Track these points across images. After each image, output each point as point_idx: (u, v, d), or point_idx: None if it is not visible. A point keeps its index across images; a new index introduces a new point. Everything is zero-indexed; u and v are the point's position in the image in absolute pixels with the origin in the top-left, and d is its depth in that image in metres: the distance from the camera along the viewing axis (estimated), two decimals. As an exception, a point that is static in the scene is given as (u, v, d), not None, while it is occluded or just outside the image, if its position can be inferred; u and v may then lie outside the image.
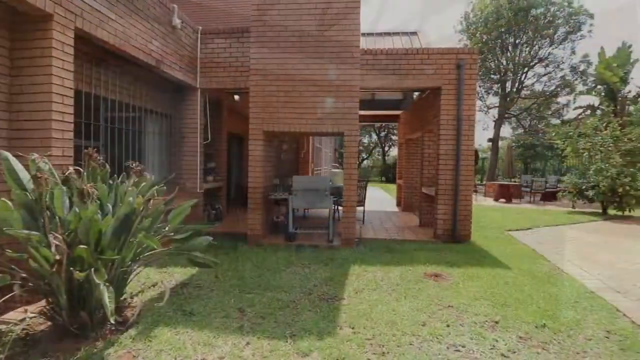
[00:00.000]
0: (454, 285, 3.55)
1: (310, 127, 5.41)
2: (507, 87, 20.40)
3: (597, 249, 5.36)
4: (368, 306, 3.06)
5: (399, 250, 5.07)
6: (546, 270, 4.19)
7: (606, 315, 2.92)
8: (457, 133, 5.80)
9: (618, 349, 2.39)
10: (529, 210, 9.83)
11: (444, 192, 5.85)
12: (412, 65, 5.91)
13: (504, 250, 5.14)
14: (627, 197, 8.22)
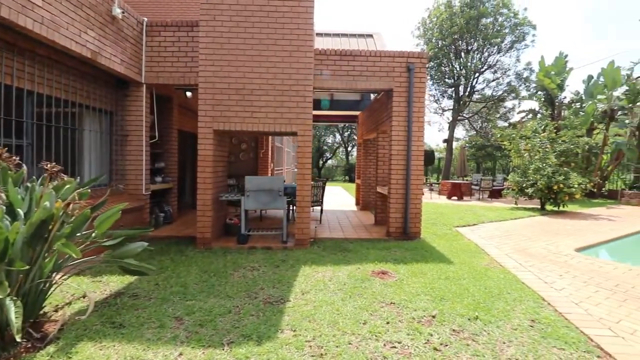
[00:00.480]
0: (398, 282, 3.64)
1: (262, 126, 5.30)
2: (460, 91, 21.54)
3: (532, 242, 5.79)
4: (313, 307, 3.04)
5: (352, 249, 5.12)
6: (485, 263, 4.44)
7: (532, 304, 3.14)
8: (407, 134, 5.99)
9: (540, 336, 2.57)
10: (477, 207, 10.44)
11: (396, 191, 6.02)
12: (365, 67, 6.01)
13: (450, 246, 5.38)
14: (561, 194, 9.00)
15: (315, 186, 7.17)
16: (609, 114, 13.30)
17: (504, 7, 20.08)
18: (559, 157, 10.03)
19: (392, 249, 5.13)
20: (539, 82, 15.51)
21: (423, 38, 22.45)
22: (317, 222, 7.36)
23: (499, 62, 21.43)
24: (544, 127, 10.49)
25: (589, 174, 13.22)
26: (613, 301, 3.27)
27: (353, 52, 6.01)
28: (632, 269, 4.30)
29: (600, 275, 4.01)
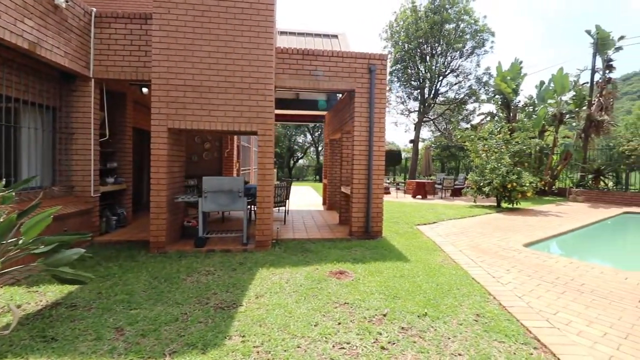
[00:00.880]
0: (354, 282, 3.66)
1: (221, 125, 5.14)
2: (425, 93, 22.27)
3: (485, 238, 6.06)
4: (265, 311, 2.97)
5: (313, 249, 5.10)
6: (440, 260, 4.59)
7: (479, 299, 3.27)
8: (369, 134, 6.07)
9: (482, 330, 2.67)
10: (439, 205, 10.81)
11: (358, 190, 6.08)
12: (328, 67, 6.01)
13: (409, 244, 5.51)
14: (514, 192, 9.54)
15: (278, 186, 7.08)
16: (558, 117, 14.29)
17: (466, 14, 20.99)
18: (513, 157, 10.62)
19: (353, 249, 5.16)
20: (497, 87, 16.36)
21: (390, 40, 22.96)
22: (281, 222, 7.28)
23: (461, 66, 22.40)
24: (500, 129, 11.09)
25: (540, 173, 14.14)
26: (553, 293, 3.48)
27: (315, 52, 5.99)
28: (573, 262, 4.61)
29: (544, 269, 4.26)
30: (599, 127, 13.57)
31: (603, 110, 13.75)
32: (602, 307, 3.15)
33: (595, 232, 7.84)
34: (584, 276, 4.01)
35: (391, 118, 33.05)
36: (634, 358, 2.32)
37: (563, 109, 14.47)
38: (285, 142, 36.72)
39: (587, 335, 2.61)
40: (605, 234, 8.01)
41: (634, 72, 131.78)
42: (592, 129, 13.73)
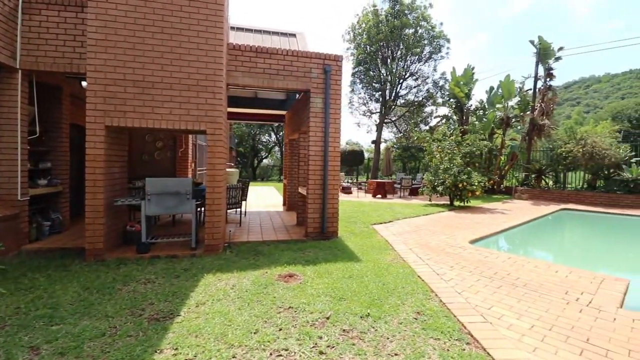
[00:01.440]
0: (302, 285, 3.60)
1: (166, 123, 4.85)
2: (386, 95, 22.85)
3: (435, 236, 6.30)
4: (204, 320, 2.82)
5: (266, 252, 4.98)
6: (390, 259, 4.67)
7: (422, 297, 3.35)
8: (324, 135, 6.06)
9: (421, 328, 2.73)
10: (397, 204, 11.12)
11: (314, 191, 6.04)
12: (282, 66, 5.92)
13: (362, 244, 5.57)
14: (464, 191, 10.04)
15: (233, 187, 6.86)
16: (505, 121, 15.29)
17: (424, 20, 21.81)
18: (464, 158, 11.19)
19: (306, 250, 5.11)
20: (451, 91, 17.18)
21: (353, 42, 23.27)
22: (237, 224, 7.06)
23: (420, 70, 23.24)
24: (452, 132, 11.66)
25: (490, 173, 15.05)
26: (490, 288, 3.66)
27: (269, 50, 5.87)
28: (511, 257, 4.91)
29: (484, 265, 4.49)
30: (541, 131, 14.71)
31: (544, 115, 14.93)
32: (532, 300, 3.36)
33: (535, 228, 8.46)
34: (520, 270, 4.28)
35: (354, 119, 33.57)
36: (554, 348, 2.48)
37: (510, 113, 15.50)
38: (249, 142, 36.00)
39: (516, 329, 2.76)
40: (544, 229, 8.66)
41: (573, 81, 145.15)
42: (534, 132, 14.85)
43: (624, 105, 47.65)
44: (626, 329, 2.79)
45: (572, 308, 3.18)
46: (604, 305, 3.26)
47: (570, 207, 11.24)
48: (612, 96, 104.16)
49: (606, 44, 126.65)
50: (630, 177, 11.56)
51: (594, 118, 45.12)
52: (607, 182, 12.41)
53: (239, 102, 9.31)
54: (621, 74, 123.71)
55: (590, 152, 12.03)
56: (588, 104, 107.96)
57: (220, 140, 5.10)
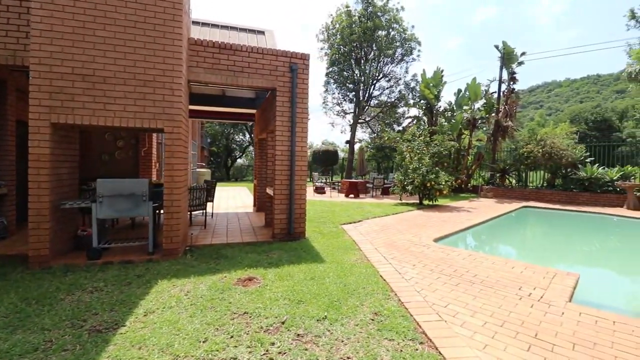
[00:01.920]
0: (261, 289, 3.50)
1: (119, 120, 4.58)
2: (360, 95, 23.07)
3: (402, 235, 6.36)
4: (150, 330, 2.65)
5: (229, 255, 4.82)
6: (354, 259, 4.66)
7: (381, 297, 3.34)
8: (291, 134, 5.96)
9: (376, 330, 2.70)
10: (368, 204, 11.21)
11: (280, 192, 5.93)
12: (247, 63, 5.76)
13: (329, 244, 5.53)
14: (432, 190, 10.28)
15: (197, 188, 6.62)
16: (472, 122, 15.84)
17: (395, 23, 22.22)
18: (432, 158, 11.45)
19: (271, 252, 5.00)
20: (421, 92, 17.58)
21: (327, 42, 23.33)
22: (202, 227, 6.82)
23: (392, 72, 23.67)
24: (421, 132, 11.92)
25: (457, 173, 15.52)
26: (448, 286, 3.71)
27: (233, 46, 5.70)
28: (471, 254, 5.03)
29: (445, 262, 4.57)
30: (505, 132, 15.35)
31: (508, 117, 15.59)
32: (487, 296, 3.44)
33: (497, 225, 8.78)
34: (478, 267, 4.38)
35: (328, 119, 33.67)
36: (504, 345, 2.52)
37: (476, 114, 16.07)
38: (223, 141, 35.22)
39: (469, 326, 2.79)
40: (505, 226, 9.01)
41: (537, 85, 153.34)
42: (499, 133, 15.48)
43: (581, 108, 50.87)
44: (573, 322, 2.90)
45: (524, 303, 3.28)
46: (554, 299, 3.39)
47: (531, 205, 11.79)
48: (571, 100, 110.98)
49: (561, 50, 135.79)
50: (585, 176, 12.29)
51: (554, 120, 47.84)
52: (564, 180, 13.13)
53: (207, 100, 9.01)
54: (580, 79, 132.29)
55: (549, 152, 12.68)
56: (550, 107, 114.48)
57: (180, 139, 4.87)
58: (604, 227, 9.10)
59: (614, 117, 42.95)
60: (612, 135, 37.54)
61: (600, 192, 11.86)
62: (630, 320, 2.97)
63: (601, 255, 6.66)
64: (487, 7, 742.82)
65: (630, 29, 15.55)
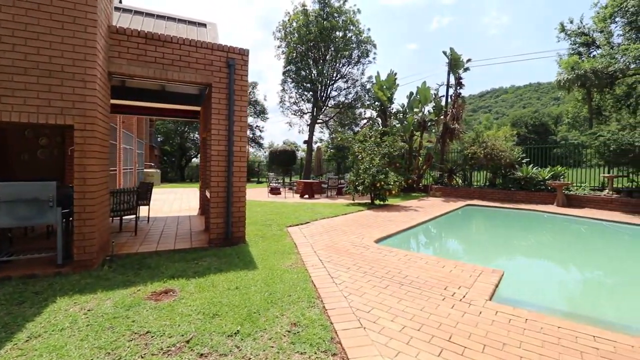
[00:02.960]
0: (175, 303, 3.19)
1: (19, 115, 4.01)
2: (317, 95, 23.05)
3: (345, 236, 6.31)
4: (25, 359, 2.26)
5: (153, 265, 4.41)
6: (289, 264, 4.48)
7: (306, 305, 3.19)
8: (228, 133, 5.66)
9: (289, 342, 2.53)
10: (321, 204, 11.13)
11: (217, 194, 5.61)
12: (178, 56, 5.37)
13: (268, 249, 5.30)
14: (382, 190, 10.43)
15: (125, 191, 6.07)
16: (422, 124, 16.43)
17: (352, 24, 22.48)
18: (383, 158, 11.65)
19: (202, 259, 4.67)
20: (375, 94, 17.92)
21: (284, 41, 23.02)
22: (132, 233, 6.27)
23: (350, 73, 23.94)
24: (373, 133, 12.11)
25: (409, 173, 16.01)
26: (377, 289, 3.65)
27: (162, 37, 5.28)
28: (407, 254, 5.07)
29: (380, 264, 4.55)
30: (452, 134, 16.09)
31: (455, 120, 16.36)
32: (412, 298, 3.43)
33: (440, 223, 9.10)
34: (411, 268, 4.41)
35: (285, 118, 33.42)
36: (416, 350, 2.48)
37: (426, 117, 16.69)
38: (176, 139, 33.50)
39: (387, 332, 2.73)
40: (447, 224, 9.37)
41: (486, 91, 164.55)
42: (447, 135, 16.19)
43: (523, 113, 55.36)
44: (487, 322, 2.95)
45: (446, 304, 3.30)
46: (475, 298, 3.45)
47: (474, 203, 12.43)
48: (516, 105, 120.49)
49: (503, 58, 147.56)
50: (521, 176, 13.21)
51: (498, 124, 51.49)
52: (504, 180, 14.01)
53: (143, 95, 8.36)
54: (523, 86, 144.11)
55: (490, 153, 13.47)
56: (497, 111, 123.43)
57: (94, 137, 4.38)
58: (534, 223, 9.79)
59: (550, 121, 47.19)
60: (549, 138, 41.24)
61: (534, 191, 12.80)
62: (541, 316, 3.09)
63: (528, 250, 7.09)
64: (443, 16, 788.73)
65: (560, 41, 17.06)
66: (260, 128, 33.16)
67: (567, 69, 14.64)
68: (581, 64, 14.37)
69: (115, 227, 6.62)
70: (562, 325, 2.91)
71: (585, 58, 15.31)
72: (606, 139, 11.01)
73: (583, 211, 10.41)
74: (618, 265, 5.83)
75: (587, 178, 13.53)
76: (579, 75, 13.94)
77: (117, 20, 6.87)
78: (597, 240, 7.87)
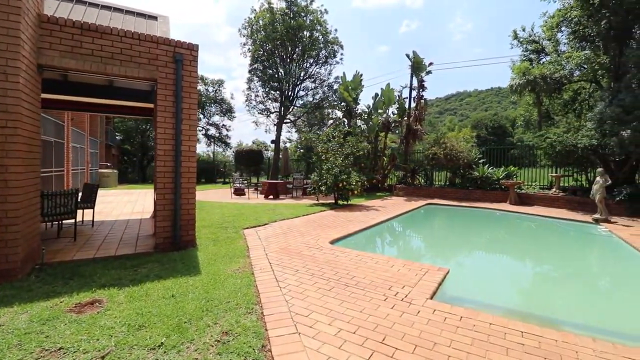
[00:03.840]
0: (99, 314, 2.95)
1: None
2: (285, 95, 22.84)
3: (302, 237, 6.23)
4: None
5: (86, 273, 4.09)
6: (235, 269, 4.33)
7: (243, 311, 3.07)
8: (175, 132, 5.39)
9: (216, 353, 2.41)
10: (284, 205, 11.00)
11: (163, 196, 5.32)
12: (119, 49, 5.04)
13: (217, 253, 5.11)
14: (344, 190, 10.48)
15: (61, 194, 5.61)
16: (387, 125, 16.74)
17: (319, 24, 22.48)
18: (347, 159, 11.73)
19: (142, 266, 4.40)
20: (341, 95, 18.04)
21: (250, 38, 22.59)
22: (71, 239, 5.82)
23: (318, 73, 23.94)
24: (337, 134, 12.16)
25: (374, 173, 16.26)
26: (321, 291, 3.60)
27: (100, 28, 4.93)
28: (359, 255, 5.08)
29: (330, 265, 4.51)
30: (415, 135, 16.54)
31: (418, 121, 16.83)
32: (355, 299, 3.41)
33: (399, 222, 9.29)
34: (360, 268, 4.41)
35: (252, 117, 32.88)
36: (347, 354, 2.44)
37: (390, 118, 17.03)
38: (138, 138, 31.89)
39: (322, 337, 2.67)
40: (406, 223, 9.58)
41: (451, 94, 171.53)
42: (410, 136, 16.62)
43: (484, 116, 58.25)
44: (423, 322, 2.98)
45: (387, 304, 3.31)
46: (416, 298, 3.50)
47: (435, 202, 12.83)
48: (478, 108, 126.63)
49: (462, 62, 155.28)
50: (478, 175, 13.82)
51: (460, 125, 53.84)
52: (462, 179, 14.59)
53: (89, 90, 7.81)
54: (485, 90, 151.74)
55: (449, 154, 13.96)
56: (462, 113, 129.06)
57: (17, 135, 3.99)
58: (488, 221, 10.26)
59: (508, 124, 49.98)
60: (506, 140, 43.68)
61: (490, 190, 13.44)
62: (476, 314, 3.17)
63: (477, 248, 7.38)
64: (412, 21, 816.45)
65: (513, 47, 18.00)
66: (227, 127, 32.37)
67: (519, 74, 15.50)
68: (531, 70, 15.28)
69: (52, 233, 6.11)
70: (494, 322, 3.01)
71: (536, 64, 16.29)
72: (553, 140, 11.75)
73: (533, 209, 11.06)
74: (560, 262, 6.20)
75: (537, 177, 14.41)
76: (529, 81, 14.82)
77: (55, 10, 6.35)
78: (543, 237, 8.35)
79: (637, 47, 10.30)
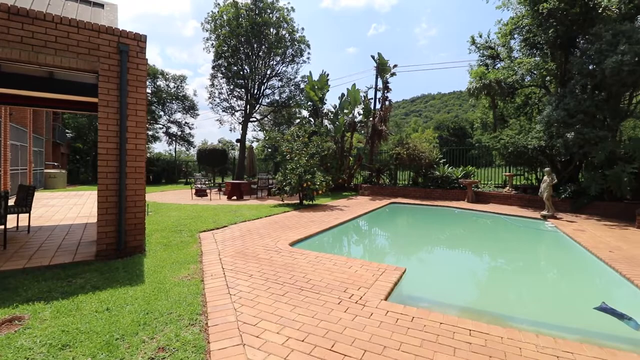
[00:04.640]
0: (17, 334, 2.60)
1: None
2: (250, 93, 22.33)
3: (261, 240, 6.03)
4: None
5: (12, 285, 3.64)
6: (184, 276, 4.06)
7: (185, 323, 2.84)
8: (120, 129, 4.99)
9: (149, 372, 2.18)
10: (247, 206, 10.68)
11: (106, 199, 4.90)
12: (53, 37, 4.57)
13: (167, 259, 4.79)
14: (309, 191, 10.38)
15: (-15, 197, 5.01)
16: (352, 125, 16.87)
17: (285, 22, 22.21)
18: (311, 158, 11.63)
19: (80, 276, 4.00)
20: (307, 95, 17.93)
21: (214, 33, 21.84)
22: (1, 247, 5.21)
23: (285, 72, 23.65)
24: (301, 134, 12.04)
25: (341, 173, 16.32)
26: (274, 297, 3.45)
27: (32, 14, 4.45)
28: (319, 256, 4.99)
29: (287, 268, 4.37)
30: (380, 135, 16.80)
31: (382, 122, 17.11)
32: (308, 304, 3.30)
33: (362, 222, 9.34)
34: (317, 270, 4.31)
35: (215, 115, 31.95)
36: (293, 364, 2.31)
37: (356, 118, 17.18)
38: (91, 136, 29.77)
39: (268, 346, 2.53)
40: (368, 223, 9.66)
41: (416, 96, 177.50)
42: (375, 136, 16.86)
43: (446, 118, 60.79)
44: (375, 324, 2.93)
45: (341, 308, 3.23)
46: (370, 299, 3.45)
47: (398, 201, 13.10)
48: (442, 110, 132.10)
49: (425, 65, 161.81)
50: (438, 175, 14.30)
51: (424, 127, 55.87)
52: (424, 179, 15.04)
53: (28, 82, 7.08)
54: (448, 93, 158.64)
55: (412, 154, 14.32)
56: (426, 115, 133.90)
57: None
58: (446, 218, 10.61)
59: (468, 126, 52.46)
60: (466, 141, 45.84)
61: (450, 189, 13.95)
62: (427, 313, 3.18)
63: (435, 246, 7.58)
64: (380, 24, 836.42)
65: (471, 52, 18.82)
66: (190, 125, 31.13)
67: (476, 78, 16.23)
68: (487, 74, 16.06)
69: (-23, 241, 5.44)
70: (445, 321, 3.02)
71: (491, 69, 17.16)
72: (506, 142, 12.41)
73: (488, 206, 11.60)
74: (511, 257, 6.49)
75: (493, 177, 15.18)
76: (485, 85, 15.56)
77: (-20, -10, 5.65)
78: (497, 233, 8.75)
79: (580, 55, 11.13)
